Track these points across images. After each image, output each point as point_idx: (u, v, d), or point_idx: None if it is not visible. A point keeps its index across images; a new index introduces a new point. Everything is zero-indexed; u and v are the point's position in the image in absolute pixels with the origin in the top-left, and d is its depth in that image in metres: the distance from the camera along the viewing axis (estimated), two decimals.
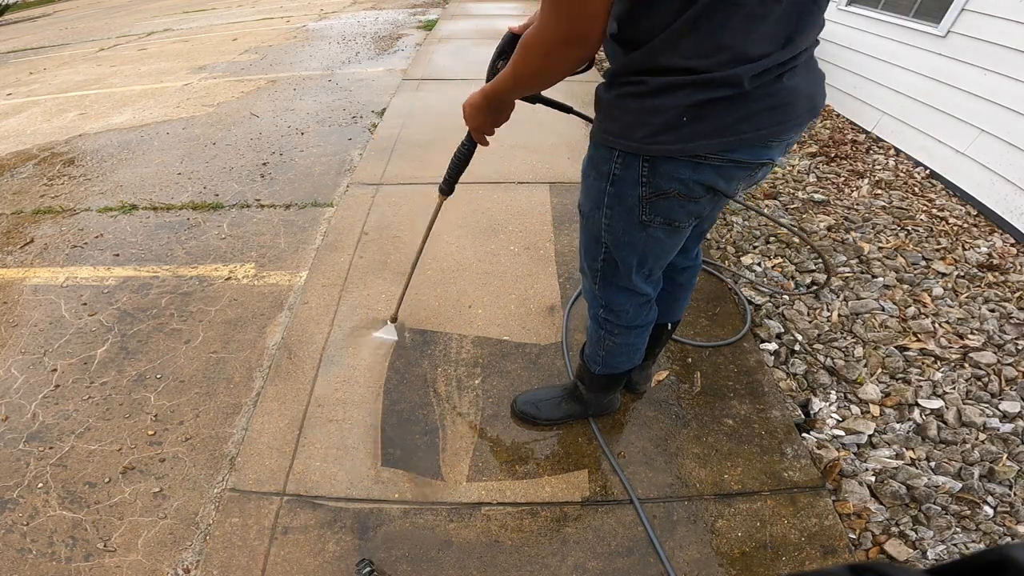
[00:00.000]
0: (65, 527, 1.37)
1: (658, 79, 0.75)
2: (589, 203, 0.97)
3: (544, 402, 1.55)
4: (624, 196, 0.89)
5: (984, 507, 1.38)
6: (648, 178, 0.84)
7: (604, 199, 0.92)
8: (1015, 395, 1.66)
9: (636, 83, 0.77)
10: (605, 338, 1.22)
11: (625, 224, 0.93)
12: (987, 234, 2.47)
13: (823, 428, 1.57)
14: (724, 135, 0.76)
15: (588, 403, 1.50)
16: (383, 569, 1.24)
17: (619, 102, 0.81)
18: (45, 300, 2.15)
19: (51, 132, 3.94)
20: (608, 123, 0.85)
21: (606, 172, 0.88)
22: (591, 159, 0.93)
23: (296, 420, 1.59)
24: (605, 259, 1.03)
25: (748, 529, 1.31)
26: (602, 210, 0.94)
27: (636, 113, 0.79)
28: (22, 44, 7.89)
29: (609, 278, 1.08)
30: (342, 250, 2.32)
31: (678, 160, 0.80)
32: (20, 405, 1.70)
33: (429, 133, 3.47)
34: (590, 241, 1.04)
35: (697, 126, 0.76)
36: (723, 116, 0.75)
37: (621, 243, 0.97)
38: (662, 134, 0.78)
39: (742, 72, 0.71)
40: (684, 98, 0.74)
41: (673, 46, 0.71)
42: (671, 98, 0.75)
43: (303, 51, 5.83)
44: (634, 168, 0.84)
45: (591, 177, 0.94)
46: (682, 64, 0.72)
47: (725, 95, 0.73)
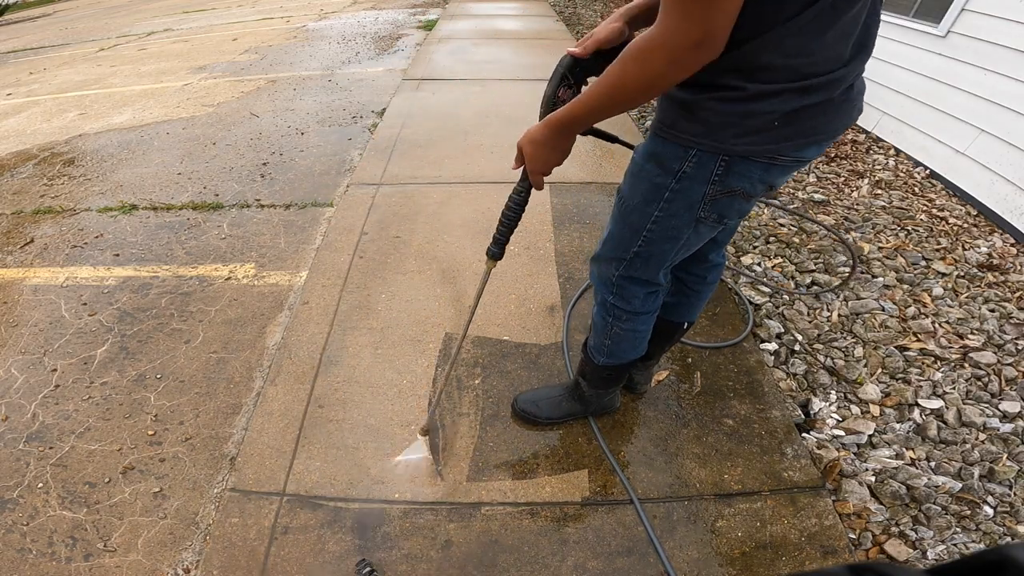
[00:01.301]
0: (65, 527, 1.37)
1: (758, 86, 0.75)
2: (639, 196, 0.96)
3: (545, 401, 1.55)
4: (688, 192, 0.90)
5: (984, 507, 1.38)
6: (721, 177, 0.86)
7: (664, 194, 0.92)
8: (1015, 395, 1.66)
9: (732, 88, 0.77)
10: (613, 325, 1.22)
11: (679, 219, 0.94)
12: (987, 234, 2.47)
13: (823, 428, 1.57)
14: (807, 136, 0.80)
15: (589, 401, 1.49)
16: (383, 569, 1.24)
17: (709, 104, 0.80)
18: (45, 300, 2.15)
19: (51, 132, 3.94)
20: (687, 123, 0.84)
21: (674, 169, 0.88)
22: (654, 154, 0.92)
23: (296, 420, 1.59)
24: (639, 251, 1.04)
25: (748, 529, 1.31)
26: (658, 204, 0.94)
27: (728, 116, 0.79)
28: (22, 44, 7.89)
29: (635, 270, 1.09)
30: (342, 250, 2.32)
31: (754, 160, 0.83)
32: (20, 405, 1.70)
33: (429, 133, 3.47)
34: (626, 232, 1.03)
35: (786, 129, 0.78)
36: (811, 120, 0.78)
37: (667, 236, 0.98)
38: (751, 135, 0.80)
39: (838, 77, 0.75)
40: (780, 105, 0.76)
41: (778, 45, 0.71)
42: (767, 104, 0.76)
43: (303, 51, 5.83)
44: (708, 167, 0.85)
45: (651, 172, 0.93)
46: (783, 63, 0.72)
47: (818, 100, 0.76)
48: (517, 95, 4.12)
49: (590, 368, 1.39)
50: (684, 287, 1.30)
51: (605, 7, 7.86)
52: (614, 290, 1.16)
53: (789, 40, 0.71)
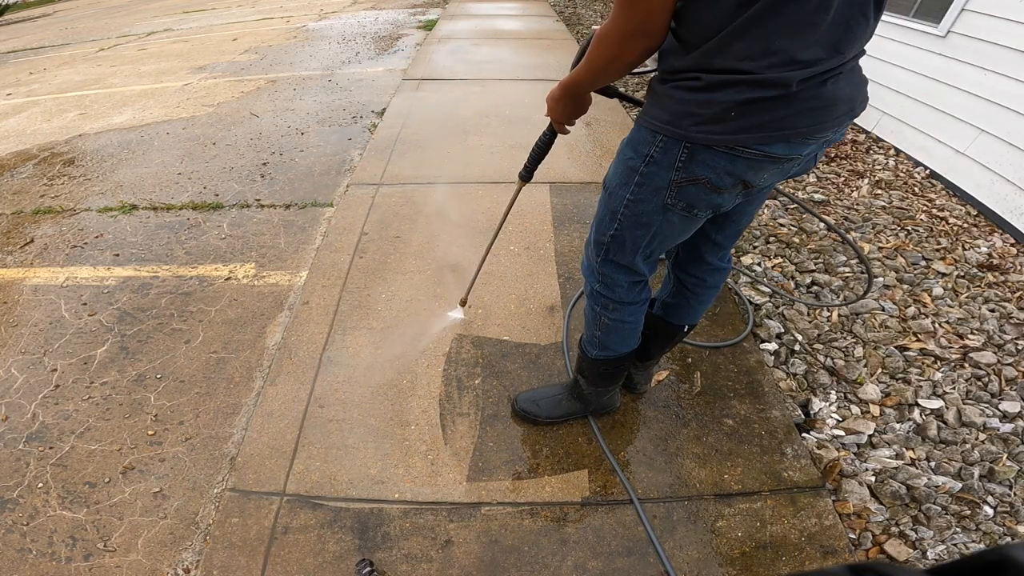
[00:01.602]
0: (65, 527, 1.37)
1: (712, 76, 0.81)
2: (617, 179, 1.03)
3: (544, 400, 1.55)
4: (655, 176, 0.95)
5: (984, 507, 1.38)
6: (684, 164, 0.91)
7: (635, 177, 0.98)
8: (1015, 395, 1.66)
9: (691, 79, 0.83)
10: (601, 315, 1.25)
11: (648, 204, 1.00)
12: (987, 234, 2.47)
13: (823, 428, 1.57)
14: (766, 130, 0.82)
15: (589, 400, 1.50)
16: (383, 569, 1.24)
17: (672, 92, 0.87)
18: (45, 300, 2.15)
19: (51, 132, 3.94)
20: (657, 110, 0.91)
21: (644, 153, 0.95)
22: (631, 140, 0.99)
23: (296, 420, 1.59)
24: (615, 235, 1.09)
25: (748, 529, 1.31)
26: (629, 187, 1.00)
27: (687, 104, 0.85)
28: (22, 44, 7.89)
29: (613, 254, 1.13)
30: (342, 250, 2.32)
31: (716, 150, 0.86)
32: (20, 405, 1.70)
33: (429, 133, 3.47)
34: (605, 215, 1.09)
35: (743, 121, 0.82)
36: (768, 113, 0.81)
37: (638, 222, 1.04)
38: (708, 124, 0.84)
39: (791, 76, 0.77)
40: (735, 95, 0.80)
41: (726, 48, 0.77)
42: (722, 94, 0.81)
43: (303, 51, 5.83)
44: (672, 153, 0.91)
45: (627, 156, 1.00)
46: (733, 66, 0.78)
47: (773, 95, 0.79)
48: (517, 95, 4.12)
49: (586, 363, 1.39)
50: (684, 288, 1.30)
51: (605, 7, 7.86)
52: (599, 277, 1.20)
53: (737, 44, 0.76)
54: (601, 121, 3.60)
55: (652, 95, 0.94)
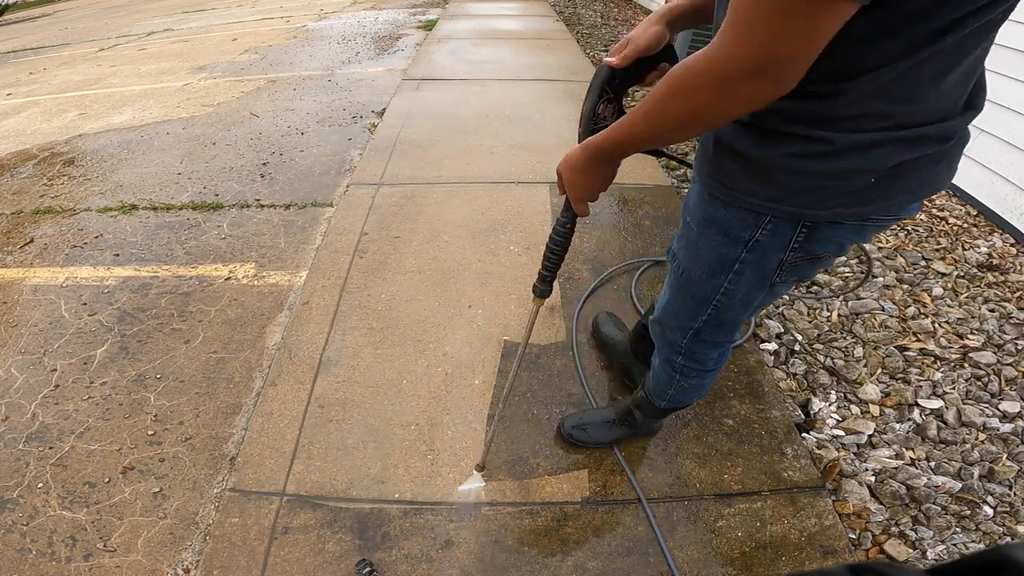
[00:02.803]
0: (65, 527, 1.37)
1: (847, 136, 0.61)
2: (703, 267, 0.85)
3: (593, 427, 1.48)
4: (763, 262, 0.78)
5: (984, 507, 1.38)
6: (802, 243, 0.73)
7: (734, 265, 0.80)
8: (1015, 395, 1.66)
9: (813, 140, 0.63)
10: (680, 380, 1.15)
11: (751, 286, 0.84)
12: (987, 234, 2.47)
13: (823, 428, 1.57)
14: (910, 193, 0.66)
15: (639, 427, 1.44)
16: (383, 569, 1.24)
17: (786, 163, 0.66)
18: (45, 300, 2.15)
19: (51, 132, 3.94)
20: (756, 185, 0.70)
21: (743, 238, 0.76)
22: (714, 221, 0.78)
23: (296, 420, 1.59)
24: (708, 320, 0.95)
25: (748, 529, 1.31)
26: (726, 276, 0.83)
27: (811, 176, 0.65)
28: (22, 44, 7.89)
29: (704, 335, 1.00)
30: (342, 250, 2.32)
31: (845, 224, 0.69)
32: (20, 405, 1.70)
33: (429, 133, 3.47)
34: (691, 303, 0.94)
35: (884, 187, 0.64)
36: (917, 174, 0.64)
37: (738, 304, 0.88)
38: (840, 198, 0.66)
39: (955, 126, 0.62)
40: (881, 160, 0.62)
41: (878, 96, 0.58)
42: (863, 159, 0.62)
43: (303, 51, 5.83)
44: (785, 234, 0.72)
45: (713, 240, 0.80)
46: (887, 111, 0.59)
47: (928, 153, 0.62)
48: (517, 95, 4.12)
49: (650, 408, 1.32)
50: None
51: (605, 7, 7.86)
52: (683, 352, 1.08)
53: (900, 83, 0.56)
54: None
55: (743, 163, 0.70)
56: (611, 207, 2.60)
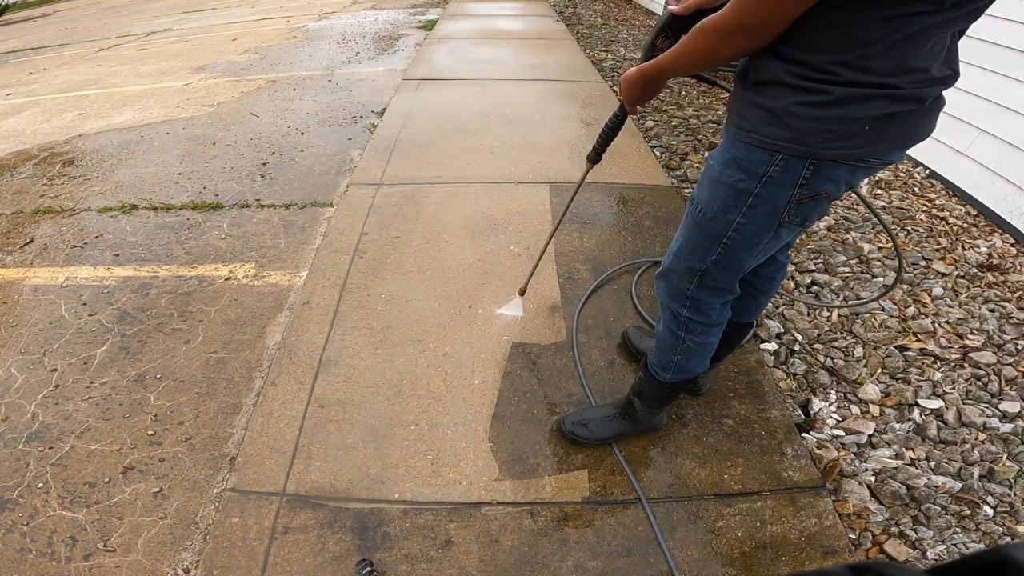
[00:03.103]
0: (65, 527, 1.37)
1: (845, 90, 0.78)
2: (720, 202, 0.97)
3: (594, 422, 1.49)
4: (774, 196, 0.91)
5: (984, 507, 1.38)
6: (808, 180, 0.87)
7: (748, 199, 0.93)
8: (1015, 395, 1.66)
9: (819, 92, 0.79)
10: (686, 339, 1.20)
11: (761, 224, 0.95)
12: (987, 234, 2.47)
13: (823, 428, 1.57)
14: (895, 142, 0.83)
15: (640, 420, 1.45)
16: (383, 569, 1.24)
17: (795, 109, 0.82)
18: (45, 300, 2.15)
19: (51, 132, 3.94)
20: (772, 127, 0.86)
21: (760, 173, 0.90)
22: (736, 159, 0.92)
23: (296, 420, 1.59)
24: (717, 259, 1.04)
25: (748, 529, 1.31)
26: (739, 210, 0.95)
27: (816, 121, 0.81)
28: (22, 44, 7.89)
29: (710, 278, 1.08)
30: (342, 250, 2.32)
31: (842, 163, 0.85)
32: (20, 405, 1.70)
33: (429, 133, 3.47)
34: (703, 240, 1.04)
35: (876, 135, 0.81)
36: (901, 126, 0.81)
37: (748, 243, 0.99)
38: (840, 140, 0.82)
39: (928, 92, 0.79)
40: (872, 110, 0.78)
41: (865, 63, 0.75)
42: (858, 109, 0.78)
43: (303, 51, 5.83)
44: (796, 171, 0.87)
45: (733, 176, 0.93)
46: (876, 80, 0.76)
47: (909, 109, 0.79)
48: (517, 95, 4.12)
49: (651, 386, 1.35)
50: (753, 289, 1.30)
51: (605, 7, 7.86)
52: (688, 303, 1.14)
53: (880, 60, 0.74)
54: (601, 121, 3.59)
55: (757, 108, 0.88)
56: (611, 207, 2.60)
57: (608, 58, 5.16)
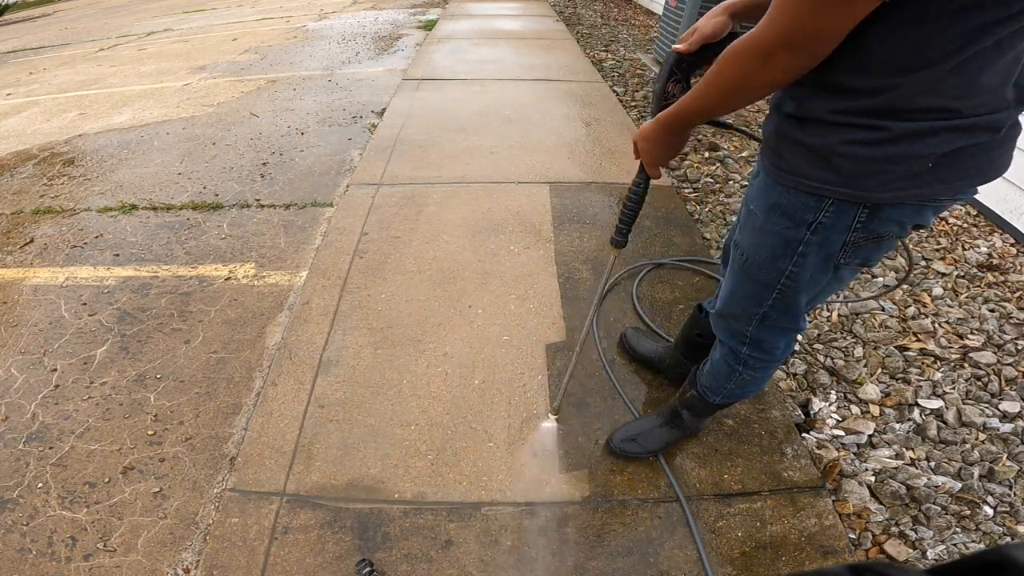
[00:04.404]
0: (65, 527, 1.37)
1: (904, 124, 0.67)
2: (767, 251, 0.90)
3: (643, 436, 1.46)
4: (826, 243, 0.83)
5: (984, 507, 1.38)
6: (864, 223, 0.78)
7: (798, 247, 0.85)
8: (1015, 395, 1.66)
9: (872, 128, 0.69)
10: (743, 373, 1.15)
11: (816, 269, 0.88)
12: (987, 234, 2.47)
13: (823, 428, 1.57)
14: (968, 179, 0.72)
15: (688, 427, 1.43)
16: (383, 569, 1.24)
17: (844, 149, 0.72)
18: (45, 300, 2.15)
19: (51, 132, 3.94)
20: (818, 171, 0.76)
21: (808, 220, 0.81)
22: (777, 206, 0.84)
23: (296, 420, 1.60)
24: (773, 303, 0.97)
25: (748, 529, 1.31)
26: (791, 258, 0.87)
27: (869, 162, 0.71)
28: (22, 44, 7.89)
29: (771, 321, 1.02)
30: (342, 250, 2.32)
31: (905, 205, 0.75)
32: (20, 405, 1.70)
33: (429, 133, 3.47)
34: (755, 288, 0.97)
35: (942, 172, 0.70)
36: (974, 161, 0.70)
37: (804, 287, 0.92)
38: (899, 181, 0.71)
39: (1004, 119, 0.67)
40: (937, 146, 0.67)
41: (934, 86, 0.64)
42: (920, 145, 0.68)
43: (303, 51, 5.83)
44: (849, 215, 0.78)
45: (778, 225, 0.85)
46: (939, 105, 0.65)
47: (981, 141, 0.68)
48: (517, 95, 4.12)
49: (702, 405, 1.32)
50: None
51: (605, 7, 7.86)
52: (747, 342, 1.09)
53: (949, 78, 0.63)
54: (601, 121, 3.60)
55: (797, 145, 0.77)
56: (611, 207, 2.60)
57: (608, 58, 5.16)
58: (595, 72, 4.68)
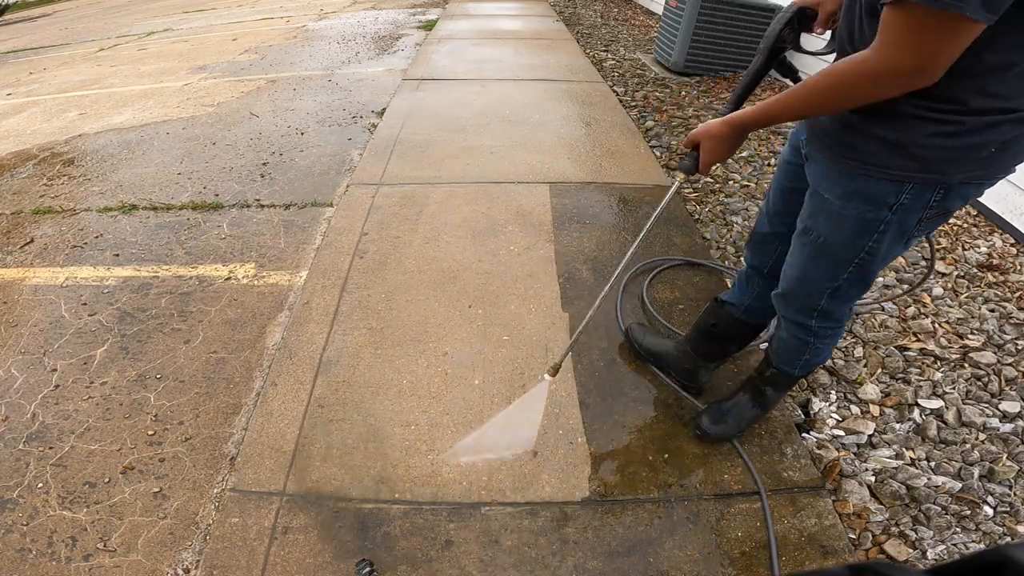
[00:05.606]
0: (65, 527, 1.37)
1: (977, 119, 0.79)
2: (846, 232, 0.99)
3: (730, 414, 1.48)
4: (904, 221, 0.93)
5: (984, 507, 1.38)
6: (939, 202, 0.90)
7: (879, 227, 0.95)
8: (1015, 395, 1.66)
9: (951, 123, 0.80)
10: (815, 343, 1.24)
11: (893, 243, 0.98)
12: (987, 234, 2.47)
13: (823, 428, 1.57)
14: (1019, 159, 0.87)
15: (769, 404, 1.48)
16: (383, 569, 1.24)
17: (927, 141, 0.83)
18: (45, 300, 2.15)
19: (51, 132, 3.94)
20: (901, 159, 0.86)
21: (890, 203, 0.91)
22: (858, 193, 0.93)
23: (296, 420, 1.59)
24: (849, 276, 1.06)
25: (748, 529, 1.31)
26: (871, 236, 0.97)
27: (948, 150, 0.83)
28: (22, 44, 7.89)
29: (840, 292, 1.10)
30: (342, 250, 2.32)
31: (971, 184, 0.88)
32: (20, 405, 1.70)
33: (429, 133, 3.47)
34: (831, 264, 1.06)
35: (1002, 156, 0.84)
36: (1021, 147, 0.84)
37: (881, 260, 1.01)
38: (970, 165, 0.85)
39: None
40: (999, 135, 0.81)
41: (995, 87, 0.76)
42: (990, 135, 0.80)
43: (303, 51, 5.83)
44: (926, 196, 0.89)
45: (859, 209, 0.94)
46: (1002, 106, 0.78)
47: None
48: (517, 95, 4.12)
49: (784, 380, 1.40)
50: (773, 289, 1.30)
51: (605, 7, 7.87)
52: (816, 315, 1.17)
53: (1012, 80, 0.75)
54: (601, 121, 3.60)
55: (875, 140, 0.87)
56: (611, 207, 2.60)
57: (608, 58, 5.16)
58: (595, 72, 4.68)
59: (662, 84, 4.38)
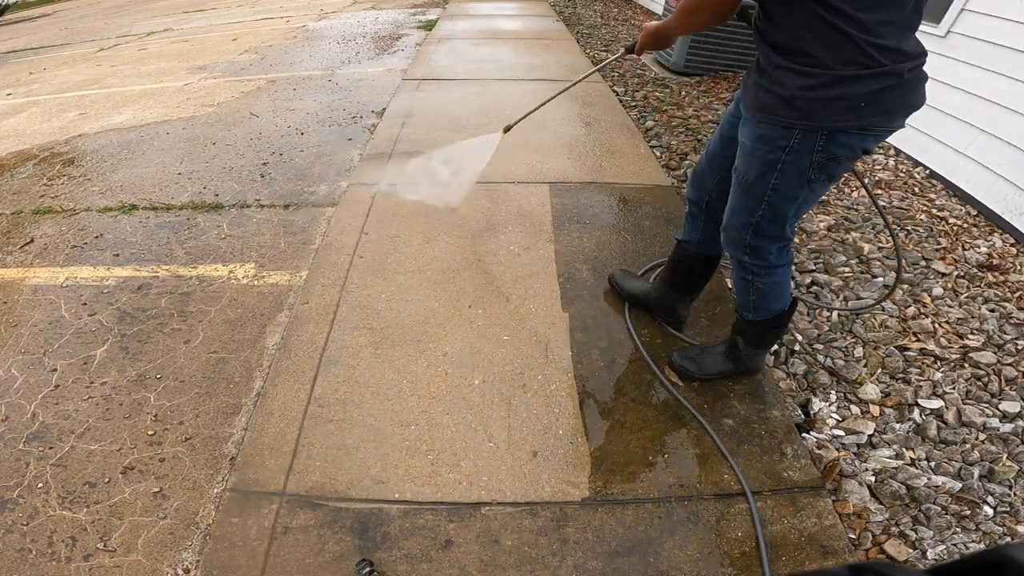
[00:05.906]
0: (65, 527, 1.37)
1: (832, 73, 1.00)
2: (756, 171, 1.20)
3: (701, 358, 1.66)
4: (798, 161, 1.13)
5: (984, 507, 1.38)
6: (823, 146, 1.09)
7: (778, 166, 1.16)
8: (1015, 395, 1.66)
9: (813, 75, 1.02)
10: (752, 281, 1.41)
11: (793, 182, 1.17)
12: (987, 234, 2.47)
13: (823, 428, 1.57)
14: (891, 113, 1.04)
15: (742, 360, 1.60)
16: (383, 569, 1.24)
17: (800, 93, 1.05)
18: (45, 300, 2.15)
19: (51, 132, 3.94)
20: (786, 109, 1.08)
21: (783, 146, 1.12)
22: (762, 137, 1.15)
23: (296, 420, 1.59)
24: (763, 214, 1.26)
25: (748, 529, 1.31)
26: (773, 174, 1.17)
27: (819, 102, 1.04)
28: (22, 44, 7.89)
29: (762, 230, 1.30)
30: (342, 250, 2.32)
31: (850, 132, 1.06)
32: (20, 405, 1.70)
33: (429, 133, 3.47)
34: (749, 201, 1.27)
35: (870, 109, 1.02)
36: (892, 100, 1.02)
37: (786, 198, 1.21)
38: (841, 115, 1.04)
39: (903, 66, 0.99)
40: (862, 88, 1.00)
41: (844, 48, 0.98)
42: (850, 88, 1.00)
43: (303, 51, 5.83)
44: (811, 141, 1.09)
45: (762, 151, 1.16)
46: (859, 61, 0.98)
47: (894, 84, 1.00)
48: (517, 95, 4.12)
49: (745, 325, 1.53)
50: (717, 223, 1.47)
51: (605, 7, 7.86)
52: (747, 251, 1.35)
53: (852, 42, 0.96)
54: (601, 121, 3.60)
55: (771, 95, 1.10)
56: (611, 207, 2.60)
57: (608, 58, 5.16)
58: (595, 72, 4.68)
59: (662, 84, 4.38)
